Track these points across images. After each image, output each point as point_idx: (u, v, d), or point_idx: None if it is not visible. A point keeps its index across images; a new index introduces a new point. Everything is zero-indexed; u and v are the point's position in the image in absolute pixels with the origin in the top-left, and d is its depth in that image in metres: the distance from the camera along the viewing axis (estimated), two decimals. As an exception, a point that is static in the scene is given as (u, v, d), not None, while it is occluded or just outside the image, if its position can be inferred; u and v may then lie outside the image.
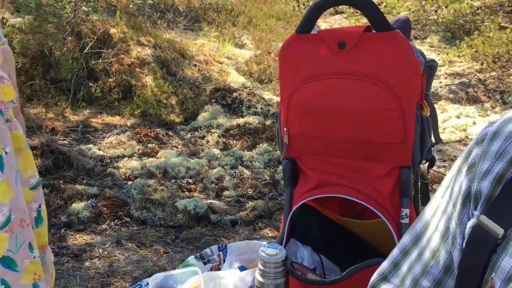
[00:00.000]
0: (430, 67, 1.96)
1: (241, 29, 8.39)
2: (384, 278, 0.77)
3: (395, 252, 0.77)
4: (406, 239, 0.75)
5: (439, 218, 0.69)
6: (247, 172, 3.43)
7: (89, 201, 2.81)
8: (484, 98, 5.02)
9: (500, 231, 0.56)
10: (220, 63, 6.04)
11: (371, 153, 1.60)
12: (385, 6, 6.90)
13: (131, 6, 4.03)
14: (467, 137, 4.17)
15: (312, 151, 1.70)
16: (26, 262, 1.14)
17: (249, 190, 3.14)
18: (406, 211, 1.59)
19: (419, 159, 1.64)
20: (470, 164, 0.63)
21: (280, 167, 3.54)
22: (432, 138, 1.78)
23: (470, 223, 0.61)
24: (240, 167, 3.50)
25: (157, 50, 5.48)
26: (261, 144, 3.83)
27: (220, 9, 9.21)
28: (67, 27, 4.32)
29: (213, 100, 4.70)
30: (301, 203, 1.71)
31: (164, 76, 5.18)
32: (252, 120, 4.28)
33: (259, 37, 7.86)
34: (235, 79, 5.64)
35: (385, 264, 0.78)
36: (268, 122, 4.31)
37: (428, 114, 1.66)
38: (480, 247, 0.59)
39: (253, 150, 3.77)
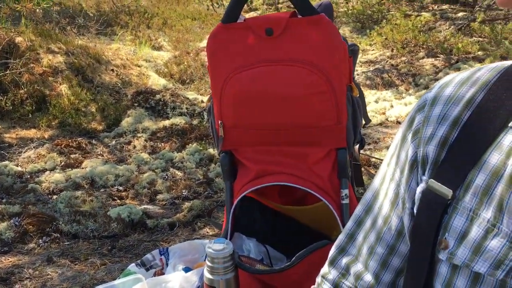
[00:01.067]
0: (353, 51, 2.02)
1: (157, 31, 8.22)
2: (342, 250, 0.77)
3: (349, 224, 0.78)
4: (358, 209, 0.76)
5: (388, 185, 0.70)
6: (179, 174, 3.35)
7: (12, 221, 2.61)
8: (398, 82, 5.29)
9: (449, 192, 0.57)
10: (139, 66, 5.88)
11: (308, 138, 1.62)
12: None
13: (37, 11, 3.77)
14: (387, 119, 4.36)
15: (248, 141, 1.68)
16: None
17: (184, 191, 3.07)
18: (345, 191, 1.62)
19: (353, 140, 1.68)
20: (414, 131, 0.64)
21: (213, 165, 3.50)
22: (363, 120, 1.83)
23: (419, 188, 0.62)
24: (171, 169, 3.42)
25: (69, 57, 5.21)
26: (190, 144, 3.76)
27: (133, 12, 8.96)
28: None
29: (136, 104, 4.55)
30: (241, 195, 1.69)
31: (80, 83, 4.94)
32: (179, 121, 4.20)
33: (176, 38, 7.75)
34: (156, 82, 5.51)
35: (341, 237, 0.78)
36: (195, 122, 4.25)
37: (358, 95, 1.70)
38: (431, 210, 0.60)
39: (183, 151, 3.69)
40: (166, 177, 3.30)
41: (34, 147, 3.76)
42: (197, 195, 3.02)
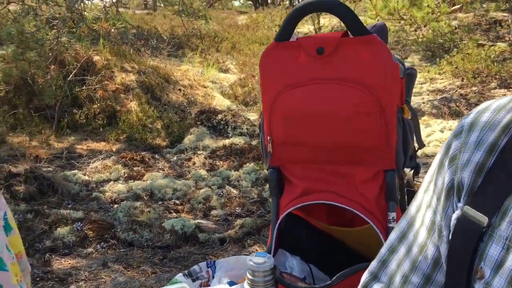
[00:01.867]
0: (410, 75, 1.99)
1: (225, 54, 8.48)
2: (374, 277, 0.76)
3: (382, 250, 0.77)
4: (392, 236, 0.75)
5: (424, 213, 0.69)
6: (234, 192, 3.41)
7: (74, 225, 2.76)
8: (466, 112, 5.10)
9: (484, 219, 0.56)
10: (205, 87, 6.07)
11: (355, 158, 1.61)
12: (365, 27, 7.02)
13: (112, 30, 4.04)
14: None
15: (296, 158, 1.69)
16: (8, 263, 1.13)
17: (237, 208, 3.11)
18: (393, 214, 1.59)
19: (403, 162, 1.65)
20: (451, 157, 0.63)
21: (268, 185, 3.52)
22: (416, 144, 1.79)
23: (455, 215, 0.61)
24: (227, 186, 3.48)
25: (141, 76, 5.49)
26: (248, 164, 3.82)
27: (204, 36, 9.32)
28: (50, 54, 4.32)
29: (199, 123, 4.70)
30: (287, 212, 1.69)
31: (149, 101, 5.19)
32: (238, 140, 4.28)
33: (243, 61, 7.95)
34: (220, 102, 5.66)
35: (374, 263, 0.77)
36: (254, 142, 4.32)
37: (409, 118, 1.68)
38: (467, 237, 0.58)
39: (240, 170, 3.75)
40: (222, 194, 3.36)
41: (101, 159, 3.98)
42: (250, 213, 3.06)
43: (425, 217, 0.68)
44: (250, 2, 23.29)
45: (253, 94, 6.22)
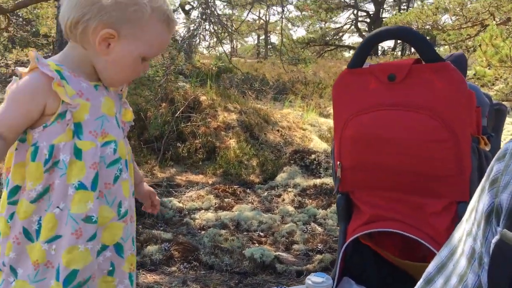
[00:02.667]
0: (498, 110, 1.91)
1: (328, 100, 8.58)
2: None
3: (419, 281, 0.74)
4: (431, 266, 0.73)
5: (464, 241, 0.67)
6: (319, 229, 3.39)
7: (163, 245, 2.94)
8: None
9: None
10: (303, 130, 6.18)
11: (425, 187, 1.57)
12: (474, 75, 6.74)
13: (213, 68, 4.34)
14: None
15: (364, 184, 1.69)
16: (128, 253, 1.32)
17: (319, 245, 3.09)
18: (464, 249, 1.51)
19: (478, 195, 1.57)
20: (492, 180, 0.62)
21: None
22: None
23: (494, 240, 0.59)
24: (312, 223, 3.48)
25: (242, 115, 5.76)
26: (336, 203, 3.79)
27: (308, 82, 9.54)
28: (159, 89, 4.73)
29: (292, 162, 4.78)
30: (353, 237, 1.68)
31: (247, 139, 5.40)
32: (329, 181, 4.27)
33: (345, 107, 7.97)
34: (317, 145, 5.71)
35: None
36: (345, 184, 4.28)
37: (488, 150, 1.60)
38: (505, 262, 0.57)
39: (327, 209, 3.74)
40: (306, 230, 3.37)
41: (197, 189, 4.20)
42: (332, 251, 3.02)
43: (465, 245, 0.66)
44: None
45: (351, 138, 6.19)
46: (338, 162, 1.71)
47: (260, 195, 4.20)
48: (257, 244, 3.13)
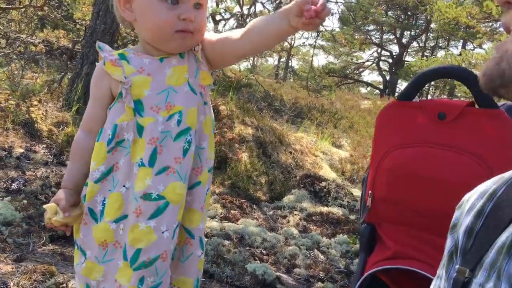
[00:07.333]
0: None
1: (341, 131, 8.57)
2: None
3: None
4: None
5: (434, 284, 0.74)
6: (322, 257, 3.34)
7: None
8: None
9: (466, 271, 0.64)
10: (315, 156, 6.16)
11: (457, 231, 1.54)
12: None
13: (243, 80, 4.34)
14: None
15: (394, 219, 1.66)
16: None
17: (321, 273, 3.04)
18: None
19: None
20: (453, 225, 0.72)
21: (357, 260, 3.41)
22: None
23: (454, 275, 0.68)
24: (315, 250, 3.43)
25: (258, 131, 5.75)
26: (341, 235, 3.75)
27: (325, 111, 9.54)
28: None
29: (301, 185, 4.75)
30: (374, 270, 1.65)
31: (260, 155, 5.38)
32: (336, 210, 4.23)
33: (358, 141, 7.95)
34: (327, 174, 5.68)
35: None
36: (352, 217, 4.24)
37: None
38: None
39: (332, 239, 3.69)
40: (309, 256, 3.32)
41: (204, 196, 4.17)
42: (333, 281, 2.97)
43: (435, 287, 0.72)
44: (377, 91, 23.53)
45: (361, 173, 6.15)
46: (370, 192, 1.68)
47: (265, 213, 4.16)
48: (258, 261, 3.08)
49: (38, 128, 4.87)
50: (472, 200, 0.72)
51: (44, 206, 1.21)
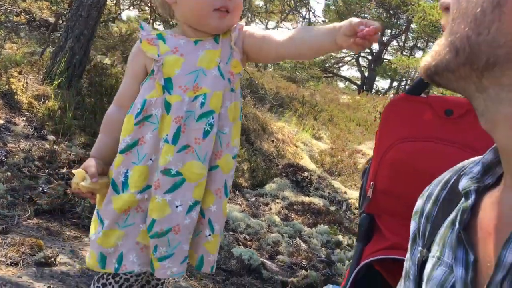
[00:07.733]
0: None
1: (321, 124, 8.64)
2: None
3: None
4: None
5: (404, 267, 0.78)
6: (303, 245, 3.39)
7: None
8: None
9: (424, 251, 0.69)
10: (296, 146, 6.20)
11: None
12: None
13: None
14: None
15: (394, 211, 1.70)
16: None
17: (303, 261, 3.09)
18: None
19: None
20: (415, 211, 0.77)
21: (338, 250, 3.47)
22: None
23: (417, 256, 0.72)
24: (297, 239, 3.47)
25: (242, 118, 5.75)
26: (322, 225, 3.80)
27: (305, 102, 9.59)
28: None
29: (284, 174, 4.78)
30: (370, 260, 1.68)
31: (243, 142, 5.38)
32: (318, 201, 4.29)
33: (337, 134, 8.05)
34: (307, 165, 5.73)
35: None
36: (332, 208, 4.30)
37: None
38: (414, 267, 0.71)
39: (313, 228, 3.74)
40: (291, 243, 3.36)
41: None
42: (315, 270, 3.01)
43: (403, 270, 0.77)
44: (354, 86, 23.77)
45: (340, 166, 6.24)
46: (372, 183, 1.71)
47: (248, 199, 4.18)
48: (242, 247, 3.10)
49: (18, 100, 4.75)
50: (431, 188, 0.77)
51: (73, 170, 1.24)
